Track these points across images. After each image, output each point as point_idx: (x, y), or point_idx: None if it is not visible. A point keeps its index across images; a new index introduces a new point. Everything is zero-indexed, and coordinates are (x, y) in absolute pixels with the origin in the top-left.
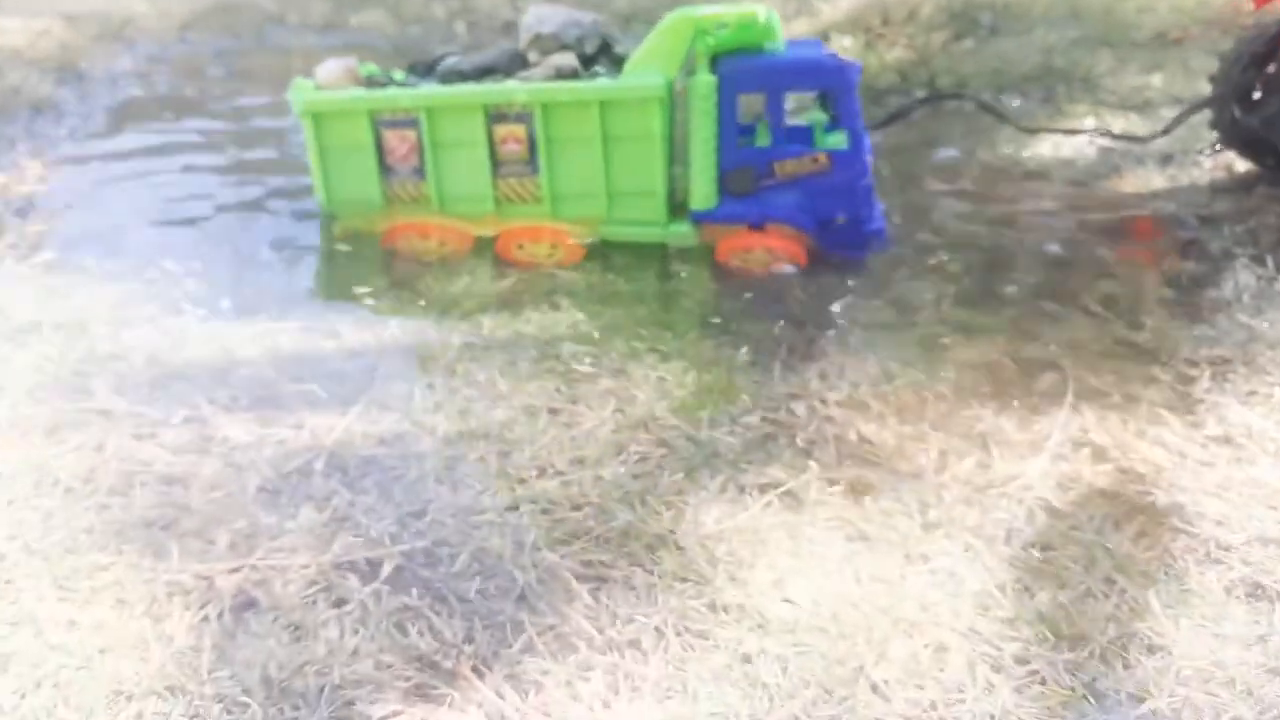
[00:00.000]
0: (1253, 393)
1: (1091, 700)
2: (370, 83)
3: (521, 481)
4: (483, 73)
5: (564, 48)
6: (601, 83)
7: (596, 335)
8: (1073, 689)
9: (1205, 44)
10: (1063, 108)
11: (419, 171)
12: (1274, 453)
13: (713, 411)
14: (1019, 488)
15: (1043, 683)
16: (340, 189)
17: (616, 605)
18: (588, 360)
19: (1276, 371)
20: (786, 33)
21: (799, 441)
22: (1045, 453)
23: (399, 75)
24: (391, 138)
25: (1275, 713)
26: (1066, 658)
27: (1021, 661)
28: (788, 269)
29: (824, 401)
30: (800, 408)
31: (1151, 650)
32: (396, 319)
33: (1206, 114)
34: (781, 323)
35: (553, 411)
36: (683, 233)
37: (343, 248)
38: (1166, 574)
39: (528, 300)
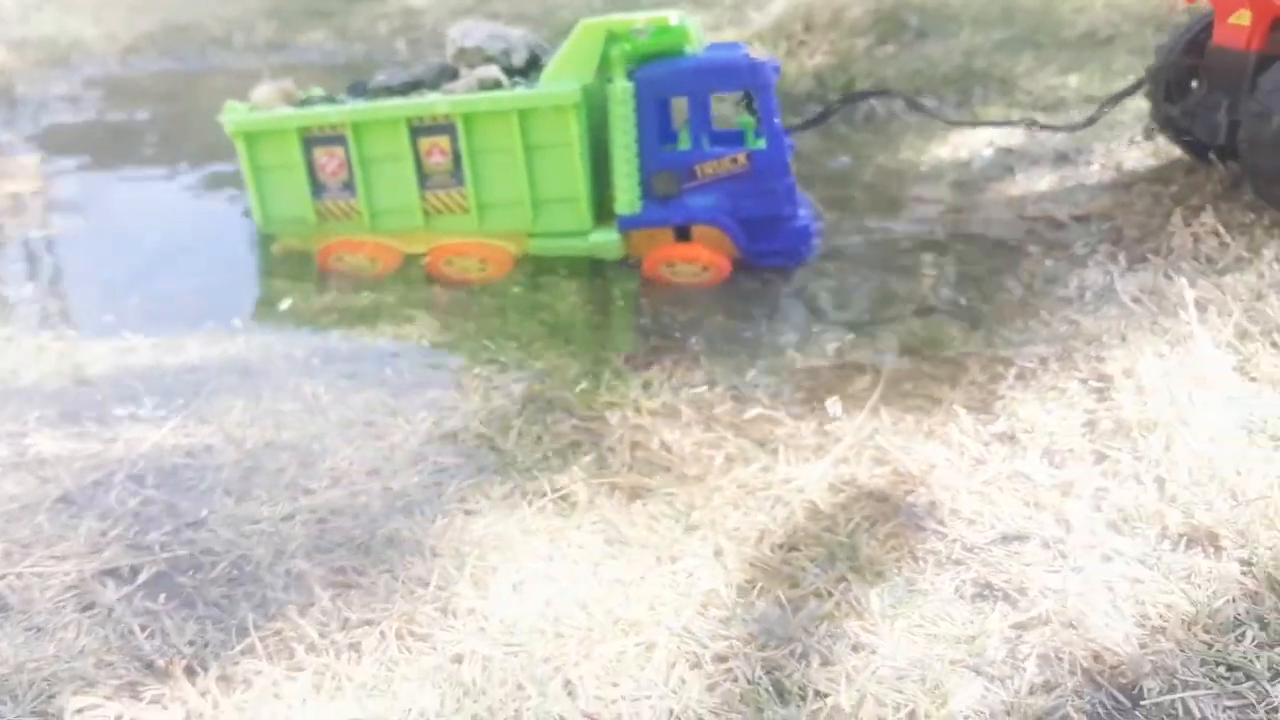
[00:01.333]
0: (1054, 388)
1: (773, 694)
2: (304, 101)
3: (309, 492)
4: (410, 87)
5: (489, 60)
6: (518, 92)
7: (435, 346)
8: (758, 685)
9: (1135, 42)
10: (976, 110)
11: (349, 188)
12: (1045, 447)
13: (527, 421)
14: (791, 490)
15: (734, 680)
16: (275, 207)
17: (351, 610)
18: (424, 371)
19: (1087, 366)
20: (718, 39)
21: (601, 449)
22: (830, 456)
23: (341, 98)
24: (321, 155)
25: (954, 707)
26: (767, 655)
27: (721, 660)
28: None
29: (638, 409)
30: (615, 416)
31: (856, 649)
32: (245, 335)
33: (1125, 108)
34: (632, 334)
35: (368, 424)
36: (606, 242)
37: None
38: (900, 574)
39: (386, 314)
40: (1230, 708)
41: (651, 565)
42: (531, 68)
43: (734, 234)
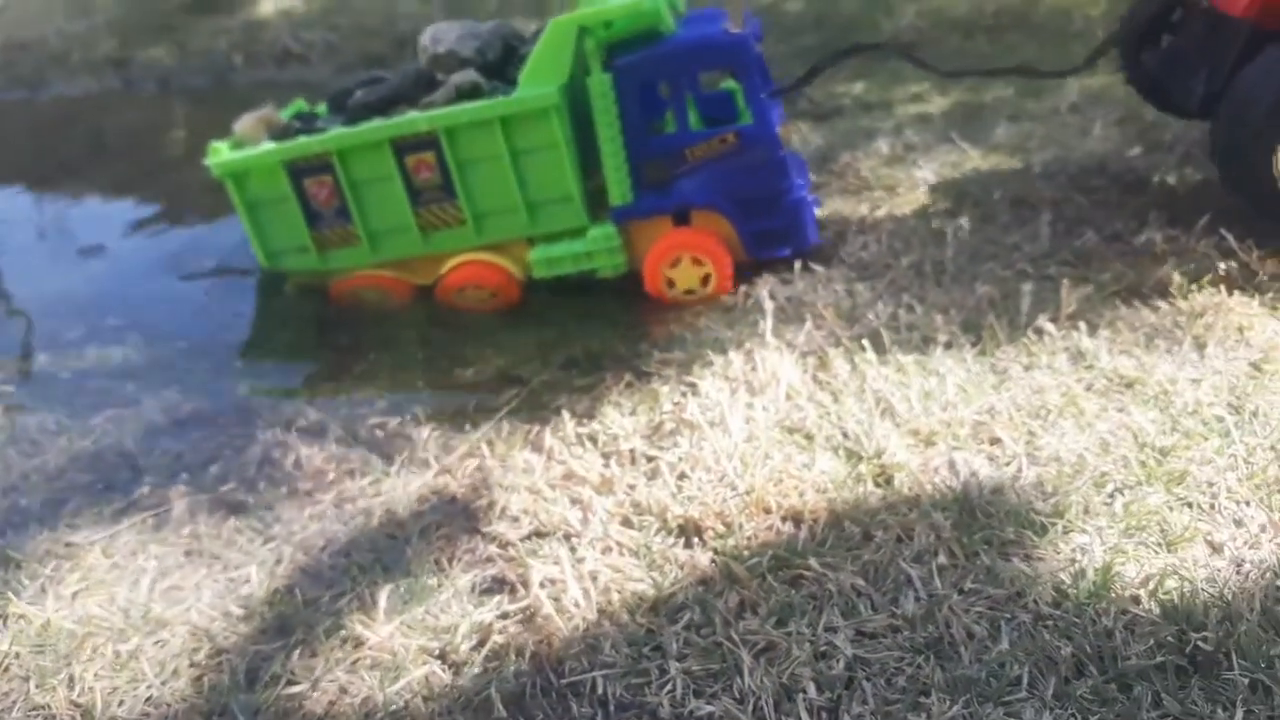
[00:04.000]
0: (652, 391)
1: (244, 683)
2: (285, 129)
3: None
4: (389, 103)
5: (463, 63)
6: (497, 100)
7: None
8: (238, 675)
9: (940, 47)
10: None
11: (343, 214)
12: (611, 449)
13: (174, 438)
14: (379, 501)
15: (220, 671)
16: (274, 242)
17: None
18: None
19: (686, 370)
20: None
21: (232, 465)
22: (434, 468)
23: (322, 109)
24: (311, 185)
25: (399, 686)
26: (260, 648)
27: (216, 654)
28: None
29: (289, 427)
30: (266, 433)
31: (345, 641)
32: None
33: None
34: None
35: (32, 442)
36: (603, 235)
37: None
38: (427, 573)
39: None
40: (633, 684)
41: (213, 574)
42: (508, 61)
43: (730, 213)
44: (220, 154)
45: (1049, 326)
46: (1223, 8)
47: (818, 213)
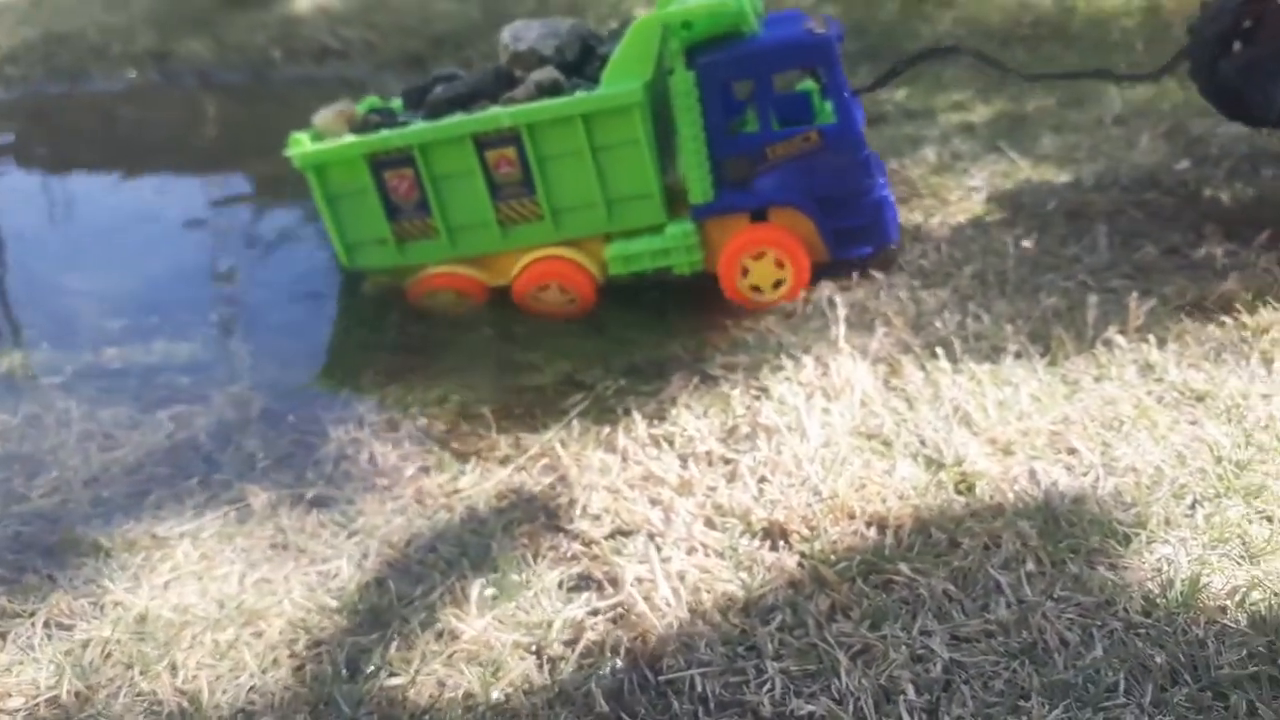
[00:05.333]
0: (722, 394)
1: (345, 674)
2: (365, 122)
3: (23, 499)
4: (470, 98)
5: (543, 60)
6: (580, 96)
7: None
8: (339, 665)
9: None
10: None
11: (423, 207)
12: (687, 450)
13: (249, 434)
14: (459, 499)
15: (320, 662)
16: (353, 234)
17: (12, 603)
18: (176, 387)
19: (760, 376)
20: None
21: (308, 462)
22: (511, 466)
23: (396, 104)
24: (391, 178)
25: (501, 683)
26: (357, 639)
27: (315, 645)
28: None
29: (360, 424)
30: (338, 430)
31: (440, 635)
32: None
33: None
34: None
35: (107, 436)
36: (682, 233)
37: None
38: (514, 569)
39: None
40: (731, 683)
41: (301, 567)
42: (586, 60)
43: (811, 212)
44: (301, 145)
45: (1118, 339)
46: None
47: None
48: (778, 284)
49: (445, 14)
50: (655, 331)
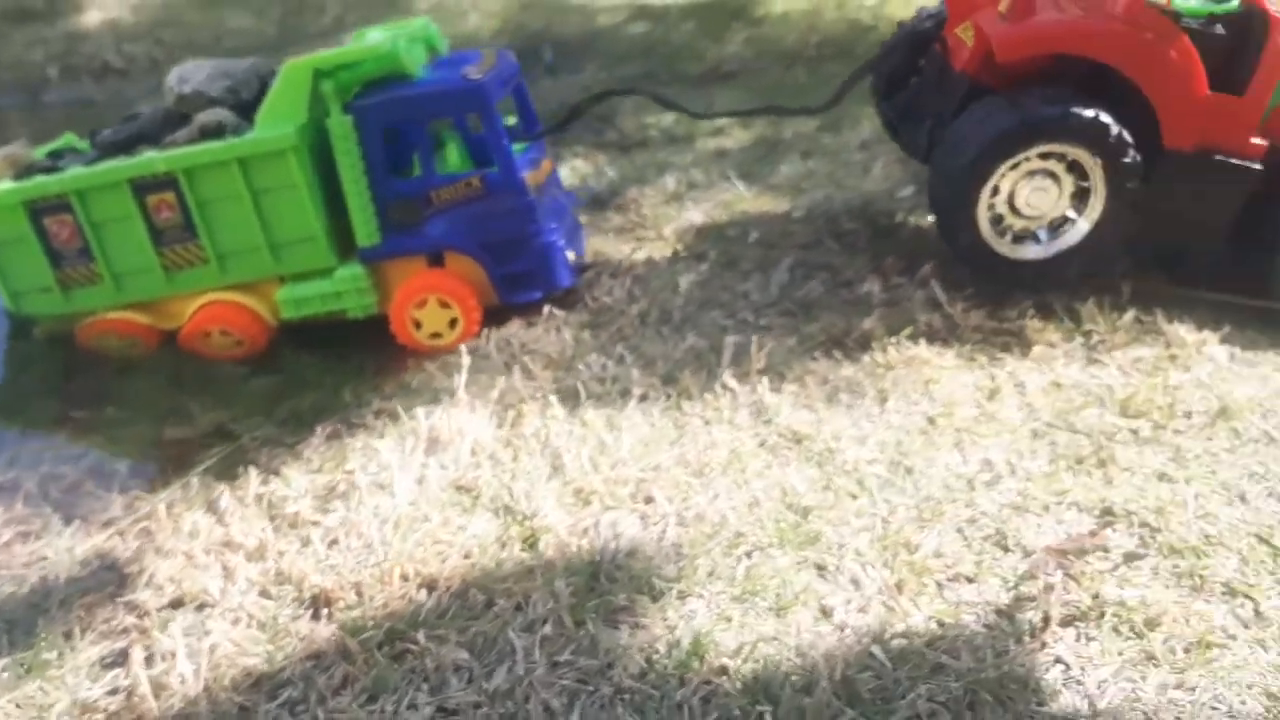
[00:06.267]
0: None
1: None
2: (29, 167)
3: None
4: (134, 142)
5: (212, 102)
6: (233, 141)
7: None
8: None
9: (762, 79)
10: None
11: (86, 253)
12: (285, 513)
13: None
14: (38, 567)
15: None
16: (17, 282)
17: None
18: None
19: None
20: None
21: None
22: (110, 529)
23: (83, 146)
24: (52, 224)
25: None
26: None
27: None
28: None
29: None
30: None
31: None
32: None
33: None
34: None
35: None
36: (351, 276)
37: None
38: (57, 645)
39: None
40: None
41: None
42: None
43: (478, 257)
44: None
45: (733, 383)
46: (949, 58)
47: (588, 250)
48: (454, 323)
49: (238, 30)
50: (334, 374)
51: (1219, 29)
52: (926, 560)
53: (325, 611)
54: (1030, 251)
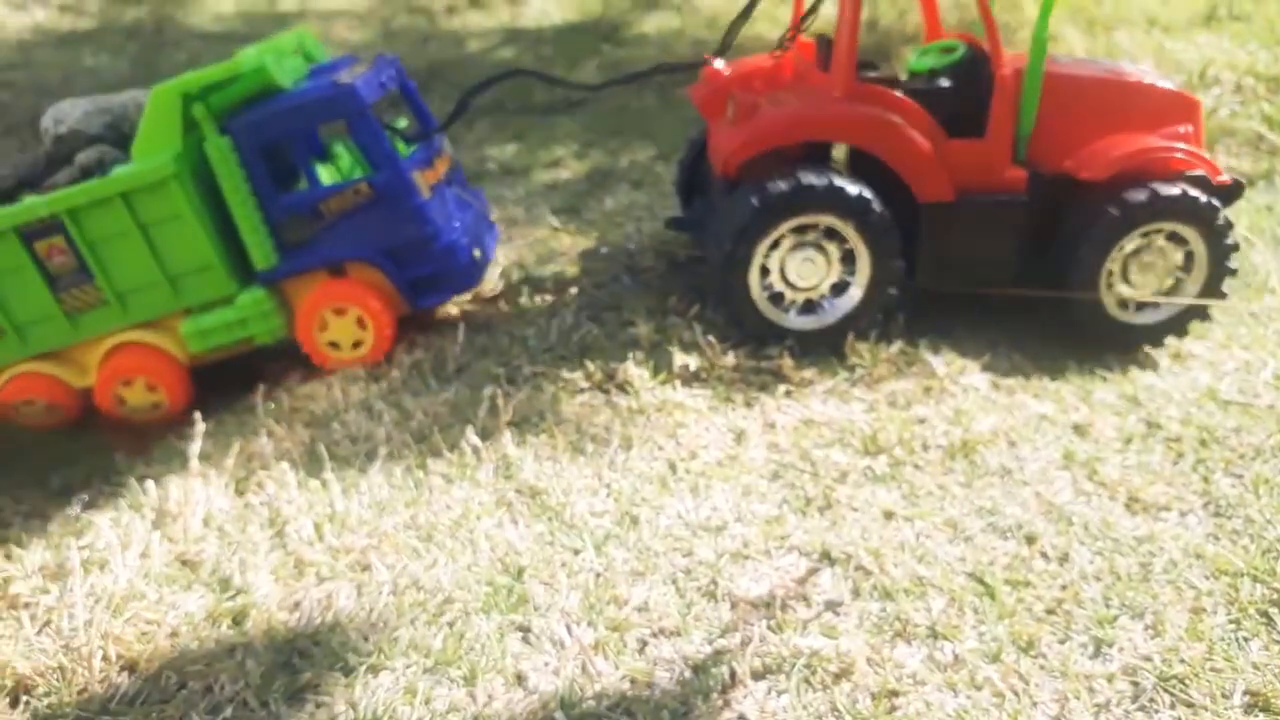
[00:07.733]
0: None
1: None
2: None
3: None
4: (17, 189)
5: (91, 140)
6: (110, 176)
7: None
8: None
9: (604, 100)
10: None
11: None
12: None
13: None
14: None
15: None
16: None
17: None
18: None
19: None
20: None
21: None
22: None
23: None
24: None
25: None
26: None
27: None
28: None
29: None
30: None
31: None
32: None
33: None
34: None
35: None
36: (253, 301)
37: None
38: None
39: None
40: None
41: None
42: None
43: (380, 264)
44: None
45: (475, 440)
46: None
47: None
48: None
49: (92, 69)
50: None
51: (943, 82)
52: (632, 616)
53: (25, 698)
54: (815, 320)
